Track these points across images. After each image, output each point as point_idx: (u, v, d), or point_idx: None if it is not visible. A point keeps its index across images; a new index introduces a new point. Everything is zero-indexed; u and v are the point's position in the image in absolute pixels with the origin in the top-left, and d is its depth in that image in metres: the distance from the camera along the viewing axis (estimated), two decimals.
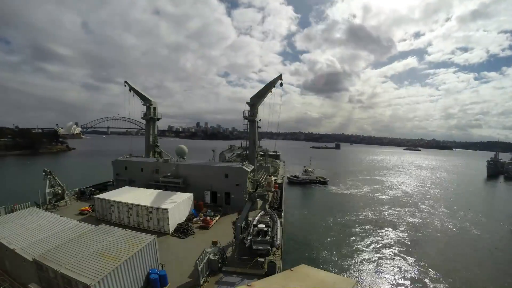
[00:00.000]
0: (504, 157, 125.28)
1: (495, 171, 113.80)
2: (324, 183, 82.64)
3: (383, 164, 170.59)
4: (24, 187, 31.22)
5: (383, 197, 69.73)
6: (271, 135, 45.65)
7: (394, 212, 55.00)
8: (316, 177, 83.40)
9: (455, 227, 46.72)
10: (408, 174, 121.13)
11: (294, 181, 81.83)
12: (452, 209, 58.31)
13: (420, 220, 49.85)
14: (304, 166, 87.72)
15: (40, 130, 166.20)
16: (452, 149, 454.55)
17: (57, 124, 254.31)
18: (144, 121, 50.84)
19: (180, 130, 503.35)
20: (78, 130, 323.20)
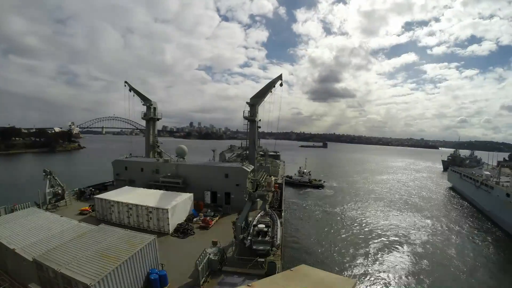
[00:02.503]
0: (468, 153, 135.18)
1: (450, 165, 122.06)
2: (320, 186, 75.50)
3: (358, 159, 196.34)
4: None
5: (374, 191, 76.62)
6: (263, 135, 45.71)
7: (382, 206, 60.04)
8: (309, 179, 77.17)
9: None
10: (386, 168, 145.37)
11: (287, 182, 79.03)
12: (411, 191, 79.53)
13: (408, 211, 56.44)
14: (300, 167, 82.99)
15: (34, 130, 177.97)
16: (438, 148, 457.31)
17: (72, 122, 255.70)
18: (136, 121, 51.22)
19: (175, 130, 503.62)
20: (77, 130, 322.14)
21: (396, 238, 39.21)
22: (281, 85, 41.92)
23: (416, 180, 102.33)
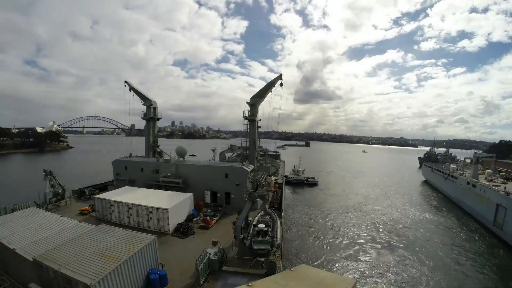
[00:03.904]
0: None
1: (424, 161, 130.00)
2: (314, 184, 77.75)
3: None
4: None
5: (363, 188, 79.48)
6: (246, 134, 46.27)
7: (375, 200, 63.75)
8: (304, 177, 79.08)
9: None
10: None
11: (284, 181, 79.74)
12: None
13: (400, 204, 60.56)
14: (294, 166, 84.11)
15: (17, 130, 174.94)
16: (417, 147, 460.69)
17: (54, 122, 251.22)
18: (119, 121, 51.05)
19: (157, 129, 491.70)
20: (61, 129, 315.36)
21: (384, 226, 44.03)
22: (281, 85, 42.02)
23: (394, 175, 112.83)
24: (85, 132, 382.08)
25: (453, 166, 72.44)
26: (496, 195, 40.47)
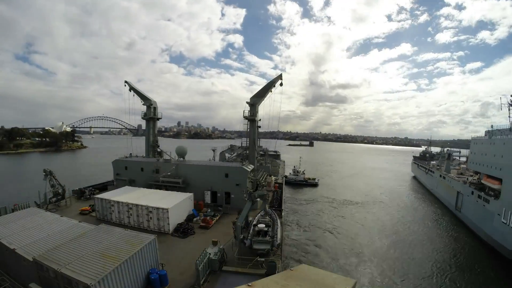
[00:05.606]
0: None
1: (413, 159, 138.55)
2: (314, 185, 76.84)
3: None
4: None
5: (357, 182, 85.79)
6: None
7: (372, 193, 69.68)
8: (304, 178, 78.20)
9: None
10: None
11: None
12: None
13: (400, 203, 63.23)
14: (294, 166, 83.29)
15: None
16: (421, 147, 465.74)
17: (63, 122, 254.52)
18: (124, 121, 51.14)
19: (163, 129, 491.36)
20: (69, 129, 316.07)
21: (379, 224, 45.98)
22: (281, 84, 41.98)
23: (389, 171, 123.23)
24: (92, 132, 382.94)
25: (433, 162, 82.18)
26: (457, 184, 48.80)
